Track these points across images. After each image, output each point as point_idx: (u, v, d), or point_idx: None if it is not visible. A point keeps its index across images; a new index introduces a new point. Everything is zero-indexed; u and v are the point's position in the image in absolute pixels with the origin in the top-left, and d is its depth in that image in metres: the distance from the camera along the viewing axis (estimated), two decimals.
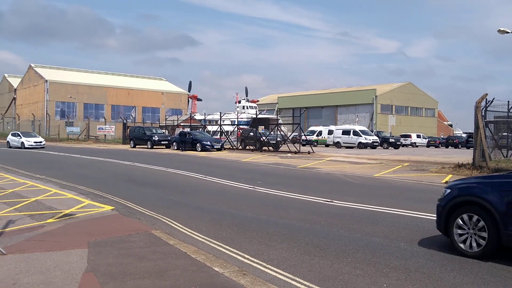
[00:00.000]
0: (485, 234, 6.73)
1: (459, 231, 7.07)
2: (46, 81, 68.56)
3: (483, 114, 18.85)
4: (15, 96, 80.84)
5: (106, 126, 58.78)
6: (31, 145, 41.43)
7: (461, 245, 7.01)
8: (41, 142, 42.78)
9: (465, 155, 25.37)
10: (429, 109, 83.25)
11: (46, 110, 67.75)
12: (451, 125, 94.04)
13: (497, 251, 6.70)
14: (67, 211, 10.81)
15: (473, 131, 20.71)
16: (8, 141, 43.82)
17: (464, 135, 63.01)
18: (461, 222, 7.05)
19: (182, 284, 5.64)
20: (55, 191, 14.13)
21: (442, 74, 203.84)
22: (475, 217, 6.87)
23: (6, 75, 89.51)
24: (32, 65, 75.28)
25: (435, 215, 7.67)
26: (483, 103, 18.85)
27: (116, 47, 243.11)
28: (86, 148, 42.17)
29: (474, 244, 6.87)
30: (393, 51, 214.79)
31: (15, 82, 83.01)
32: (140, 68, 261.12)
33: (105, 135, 57.41)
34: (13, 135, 44.60)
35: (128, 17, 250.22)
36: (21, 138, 42.50)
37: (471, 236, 6.92)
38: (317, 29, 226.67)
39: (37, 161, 27.23)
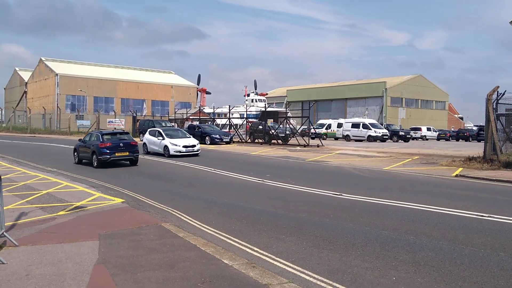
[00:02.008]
0: None
1: None
2: (57, 74, 68.96)
3: (494, 106, 18.66)
4: (26, 90, 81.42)
5: (116, 119, 59.11)
6: (180, 152, 24.40)
7: None
8: (194, 146, 25.28)
9: (476, 148, 25.17)
10: (439, 102, 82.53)
11: (57, 104, 68.18)
12: (462, 118, 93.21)
13: None
14: (78, 204, 10.92)
15: (484, 124, 20.51)
16: (144, 143, 26.88)
17: (475, 128, 62.42)
18: None
19: (192, 276, 5.69)
20: (66, 183, 14.27)
21: (453, 66, 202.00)
22: None
23: (17, 68, 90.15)
24: (43, 58, 75.71)
25: (444, 208, 7.65)
26: (494, 96, 18.64)
27: (124, 40, 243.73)
28: None
29: None
30: (402, 43, 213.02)
31: (26, 75, 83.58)
32: (147, 61, 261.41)
33: (115, 128, 57.68)
34: (152, 133, 26.96)
35: (136, 10, 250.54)
36: (164, 139, 25.42)
37: None
38: (327, 21, 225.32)
39: (48, 154, 27.46)
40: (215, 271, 5.89)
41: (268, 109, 46.49)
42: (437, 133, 59.70)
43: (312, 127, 43.23)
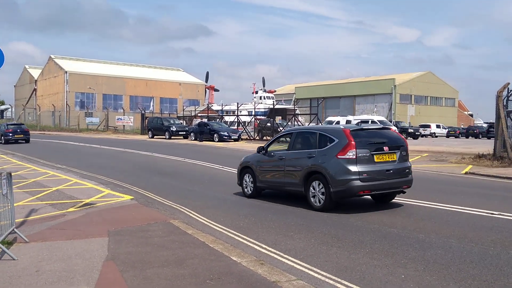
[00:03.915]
0: None
1: None
2: (66, 72, 69.42)
3: (504, 103, 18.48)
4: (35, 87, 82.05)
5: (124, 116, 59.36)
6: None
7: None
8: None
9: (485, 146, 24.96)
10: (449, 99, 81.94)
11: (66, 101, 68.66)
12: (471, 115, 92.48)
13: None
14: (87, 201, 11.00)
15: (494, 121, 20.33)
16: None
17: (485, 125, 61.93)
18: None
19: (200, 273, 5.71)
20: (76, 180, 14.37)
21: (462, 63, 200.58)
22: None
23: (26, 66, 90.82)
24: (52, 56, 76.22)
25: (454, 206, 7.59)
26: (504, 93, 18.47)
27: (131, 37, 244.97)
28: (105, 139, 42.69)
29: None
30: (412, 40, 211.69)
31: (35, 73, 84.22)
32: (155, 59, 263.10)
33: (123, 125, 58.00)
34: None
35: (143, 7, 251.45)
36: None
37: None
38: (336, 18, 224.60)
39: (57, 151, 27.68)
40: (224, 268, 5.91)
41: (277, 106, 46.44)
42: (447, 130, 59.32)
43: (320, 124, 43.13)
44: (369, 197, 10.58)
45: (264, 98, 65.29)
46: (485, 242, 7.11)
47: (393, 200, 10.62)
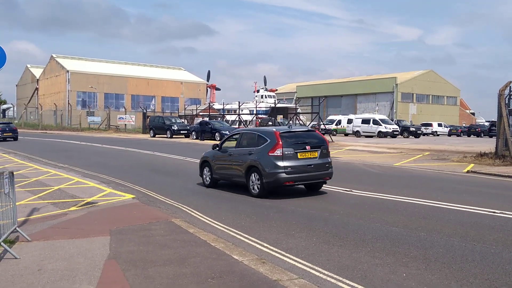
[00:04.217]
0: None
1: None
2: (68, 71, 69.47)
3: (506, 102, 18.46)
4: (37, 86, 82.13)
5: (126, 115, 59.40)
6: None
7: None
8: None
9: (487, 144, 24.92)
10: (451, 97, 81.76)
11: (68, 100, 68.74)
12: (473, 114, 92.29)
13: None
14: (89, 199, 11.02)
15: (496, 120, 20.29)
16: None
17: (487, 124, 61.79)
18: None
19: (202, 272, 5.72)
20: (78, 179, 14.40)
21: (463, 62, 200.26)
22: None
23: (28, 65, 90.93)
24: (54, 55, 76.28)
25: (456, 204, 7.59)
26: (506, 91, 18.44)
27: (132, 36, 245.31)
28: (107, 138, 42.74)
29: None
30: (413, 39, 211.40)
31: (37, 72, 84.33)
32: (156, 58, 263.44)
33: (125, 124, 58.03)
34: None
35: (143, 6, 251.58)
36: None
37: None
38: (337, 17, 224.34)
39: (59, 150, 27.72)
40: (225, 267, 5.91)
41: (278, 105, 46.48)
42: (448, 128, 59.20)
43: (322, 123, 43.10)
44: (370, 195, 10.61)
45: (266, 97, 65.24)
46: (486, 241, 7.11)
47: (395, 198, 10.64)
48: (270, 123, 38.29)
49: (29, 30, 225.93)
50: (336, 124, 50.50)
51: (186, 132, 40.86)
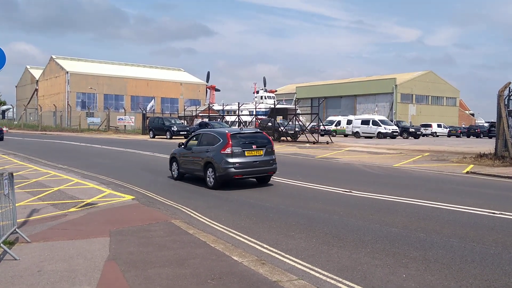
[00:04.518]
0: None
1: None
2: (67, 72, 69.45)
3: (506, 103, 18.47)
4: (37, 88, 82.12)
5: (126, 116, 59.36)
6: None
7: None
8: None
9: (487, 145, 24.94)
10: (450, 98, 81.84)
11: (67, 101, 68.72)
12: (473, 114, 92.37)
13: None
14: (89, 201, 11.01)
15: (495, 121, 20.31)
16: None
17: (486, 125, 61.83)
18: None
19: (202, 273, 5.72)
20: (77, 180, 14.39)
21: (463, 63, 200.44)
22: None
23: (28, 66, 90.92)
24: (53, 56, 76.27)
25: (455, 205, 7.59)
26: (506, 92, 18.46)
27: (131, 37, 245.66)
28: (107, 139, 42.73)
29: None
30: (413, 39, 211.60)
31: (37, 73, 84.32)
32: (155, 59, 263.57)
33: (125, 125, 58.02)
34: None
35: (143, 7, 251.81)
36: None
37: None
38: (337, 18, 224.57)
39: (58, 151, 27.70)
40: (225, 268, 5.91)
41: (278, 106, 46.42)
42: (448, 129, 59.22)
43: (321, 124, 43.12)
44: (369, 196, 10.61)
45: (265, 98, 65.27)
46: (486, 242, 7.11)
47: (394, 199, 10.66)
48: (269, 124, 38.29)
49: (29, 31, 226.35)
50: (335, 125, 50.54)
51: (185, 133, 40.82)
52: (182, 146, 15.13)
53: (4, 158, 22.15)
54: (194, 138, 14.93)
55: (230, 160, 12.76)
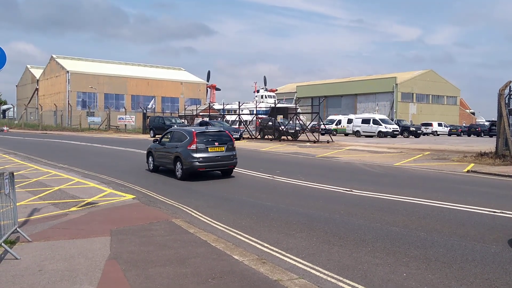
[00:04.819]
0: None
1: None
2: (68, 71, 69.43)
3: (506, 101, 18.46)
4: (37, 87, 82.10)
5: (126, 116, 59.34)
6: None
7: None
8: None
9: (487, 144, 24.93)
10: (451, 97, 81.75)
11: (68, 101, 68.70)
12: (473, 113, 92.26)
13: None
14: (89, 200, 11.02)
15: (496, 119, 20.29)
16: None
17: (487, 123, 61.74)
18: None
19: (202, 272, 5.73)
20: (78, 180, 14.39)
21: (463, 62, 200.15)
22: None
23: (28, 66, 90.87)
24: (54, 56, 76.25)
25: (456, 204, 7.59)
26: (506, 91, 18.45)
27: (131, 37, 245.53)
28: (107, 138, 42.73)
29: None
30: (413, 38, 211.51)
31: (37, 73, 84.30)
32: (155, 58, 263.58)
33: (125, 125, 58.00)
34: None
35: (142, 6, 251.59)
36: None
37: None
38: (337, 17, 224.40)
39: (59, 150, 27.71)
40: (226, 267, 5.92)
41: (278, 105, 46.48)
42: (448, 128, 59.14)
43: (322, 123, 43.10)
44: (370, 195, 10.60)
45: (266, 97, 65.19)
46: (487, 240, 7.11)
47: (395, 198, 10.66)
48: (270, 123, 38.29)
49: (29, 31, 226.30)
50: (336, 124, 50.48)
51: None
52: (157, 142, 16.95)
53: (5, 158, 22.16)
54: (167, 136, 16.66)
55: (195, 155, 14.47)
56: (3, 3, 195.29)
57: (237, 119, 43.57)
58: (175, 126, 41.35)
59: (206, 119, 44.08)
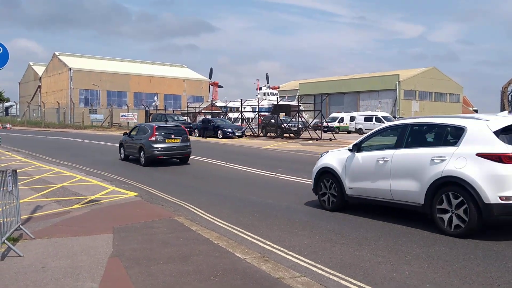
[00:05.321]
0: None
1: None
2: (70, 69, 69.51)
3: (509, 99, 18.46)
4: (40, 84, 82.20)
5: (129, 113, 59.42)
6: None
7: None
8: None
9: None
10: (453, 95, 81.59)
11: (70, 98, 68.79)
12: (476, 111, 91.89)
13: None
14: (92, 197, 11.04)
15: None
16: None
17: None
18: None
19: (205, 270, 5.74)
20: (81, 177, 14.42)
21: (466, 59, 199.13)
22: None
23: (31, 63, 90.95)
24: (56, 53, 76.34)
25: None
26: (509, 88, 18.45)
27: (133, 34, 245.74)
28: (110, 135, 42.76)
29: None
30: (415, 36, 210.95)
31: (40, 70, 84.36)
32: (157, 55, 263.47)
33: (128, 122, 58.08)
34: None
35: (144, 3, 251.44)
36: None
37: None
38: (339, 14, 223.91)
39: (62, 148, 27.77)
40: (228, 265, 5.93)
41: (280, 102, 46.41)
42: None
43: (324, 120, 43.06)
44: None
45: (268, 95, 65.09)
46: (489, 239, 7.09)
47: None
48: (272, 120, 38.26)
49: (30, 28, 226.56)
50: (338, 122, 50.48)
51: (188, 130, 40.75)
52: (127, 135, 20.03)
53: (8, 155, 22.22)
54: (134, 130, 19.93)
55: (154, 145, 17.57)
56: (5, 1, 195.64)
57: (240, 116, 43.54)
58: (177, 123, 41.34)
59: (209, 116, 44.06)
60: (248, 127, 40.11)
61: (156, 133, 17.59)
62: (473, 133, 7.15)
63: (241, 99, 45.58)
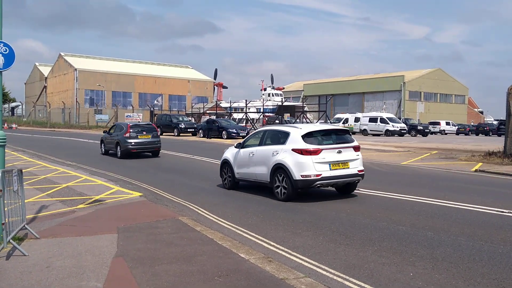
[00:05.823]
0: None
1: None
2: (76, 69, 69.83)
3: None
4: (46, 85, 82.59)
5: (133, 113, 59.60)
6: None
7: None
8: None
9: (496, 143, 24.76)
10: (459, 96, 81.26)
11: (76, 98, 69.11)
12: (481, 112, 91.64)
13: None
14: (97, 197, 11.08)
15: (504, 118, 20.14)
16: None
17: (495, 122, 61.31)
18: None
19: (209, 270, 5.74)
20: (85, 177, 14.48)
21: (472, 60, 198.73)
22: None
23: (37, 63, 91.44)
24: (62, 53, 76.71)
25: (463, 204, 7.53)
26: None
27: (138, 34, 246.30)
28: None
29: None
30: (421, 37, 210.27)
31: (45, 70, 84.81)
32: (162, 56, 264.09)
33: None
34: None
35: (149, 4, 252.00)
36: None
37: None
38: (344, 15, 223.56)
39: (68, 148, 27.88)
40: (232, 265, 5.93)
41: (285, 103, 46.44)
42: (456, 127, 58.78)
43: (329, 121, 42.98)
44: (376, 194, 10.55)
45: (273, 95, 65.15)
46: (494, 240, 7.07)
47: (402, 197, 10.63)
48: (277, 121, 38.24)
49: (36, 28, 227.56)
50: (343, 123, 50.29)
51: (193, 130, 40.85)
52: (107, 133, 22.83)
53: (14, 155, 22.33)
54: (113, 128, 22.67)
55: (128, 140, 20.76)
56: (11, 1, 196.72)
57: (244, 117, 43.56)
58: (183, 123, 41.57)
59: (213, 117, 44.10)
60: (252, 128, 40.09)
61: (130, 130, 20.79)
62: (293, 136, 10.59)
63: (246, 100, 45.64)
